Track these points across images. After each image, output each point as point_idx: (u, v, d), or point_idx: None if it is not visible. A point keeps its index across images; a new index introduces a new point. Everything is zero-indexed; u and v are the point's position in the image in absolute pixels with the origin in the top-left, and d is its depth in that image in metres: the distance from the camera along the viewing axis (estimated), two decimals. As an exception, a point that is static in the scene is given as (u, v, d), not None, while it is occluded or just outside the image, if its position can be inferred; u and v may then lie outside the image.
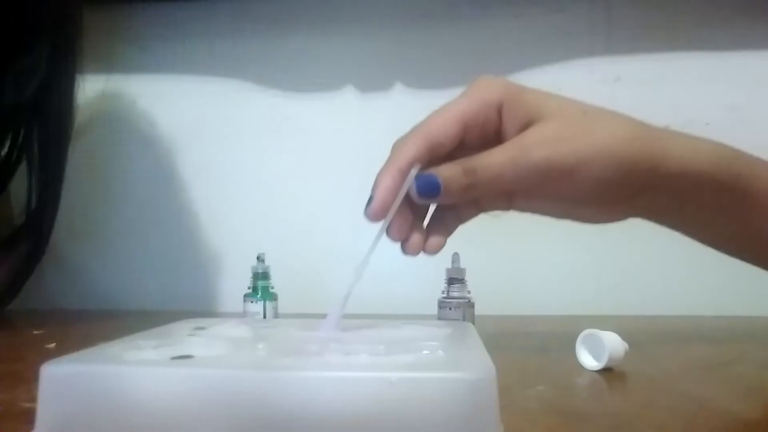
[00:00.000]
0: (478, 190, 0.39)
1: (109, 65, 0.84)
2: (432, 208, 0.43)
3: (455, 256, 0.57)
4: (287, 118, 0.82)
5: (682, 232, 0.46)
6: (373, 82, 0.81)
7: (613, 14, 0.78)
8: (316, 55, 0.82)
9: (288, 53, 0.82)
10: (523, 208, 0.43)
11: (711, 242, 0.47)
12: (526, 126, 0.38)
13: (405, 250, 0.40)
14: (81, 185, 0.83)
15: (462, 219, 0.43)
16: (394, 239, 0.40)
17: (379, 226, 0.38)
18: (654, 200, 0.42)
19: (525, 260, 0.78)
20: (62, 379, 0.26)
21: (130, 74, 0.84)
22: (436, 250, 0.41)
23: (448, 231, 0.43)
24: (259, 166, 0.82)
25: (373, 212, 0.38)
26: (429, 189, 0.38)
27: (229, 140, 0.83)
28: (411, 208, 0.40)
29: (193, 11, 0.82)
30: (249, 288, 0.60)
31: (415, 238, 0.40)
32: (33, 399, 0.26)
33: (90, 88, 0.84)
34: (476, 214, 0.43)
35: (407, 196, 0.38)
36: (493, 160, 0.38)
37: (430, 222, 0.42)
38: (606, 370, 0.41)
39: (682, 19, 0.77)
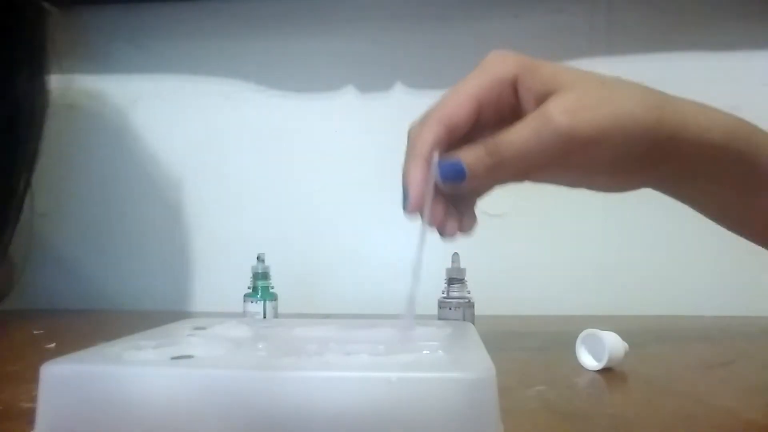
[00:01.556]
0: (503, 169, 0.38)
1: (108, 65, 0.84)
2: None
3: (455, 256, 0.57)
4: (287, 118, 0.82)
5: (690, 204, 0.46)
6: (373, 82, 0.81)
7: (613, 14, 0.78)
8: (316, 55, 0.82)
9: (288, 53, 0.82)
10: (538, 179, 0.42)
11: (718, 217, 0.47)
12: (543, 98, 0.38)
13: (443, 234, 0.40)
14: (81, 185, 0.84)
15: (480, 193, 0.43)
16: (431, 226, 0.39)
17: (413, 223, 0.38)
18: (670, 170, 0.41)
19: (525, 260, 0.78)
20: (62, 379, 0.26)
21: (130, 74, 0.84)
22: (471, 229, 0.41)
23: (472, 205, 0.42)
24: (260, 165, 0.82)
25: (412, 206, 0.38)
26: (455, 174, 0.38)
27: (228, 140, 0.83)
28: (439, 192, 0.39)
29: (193, 11, 0.82)
30: (249, 288, 0.60)
31: (451, 222, 0.40)
32: (33, 399, 0.26)
33: (90, 87, 0.84)
34: (493, 187, 0.43)
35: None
36: (516, 135, 0.37)
37: (452, 201, 0.42)
38: (606, 370, 0.41)
39: (682, 20, 0.77)
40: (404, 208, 0.38)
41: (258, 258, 0.60)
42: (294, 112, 0.82)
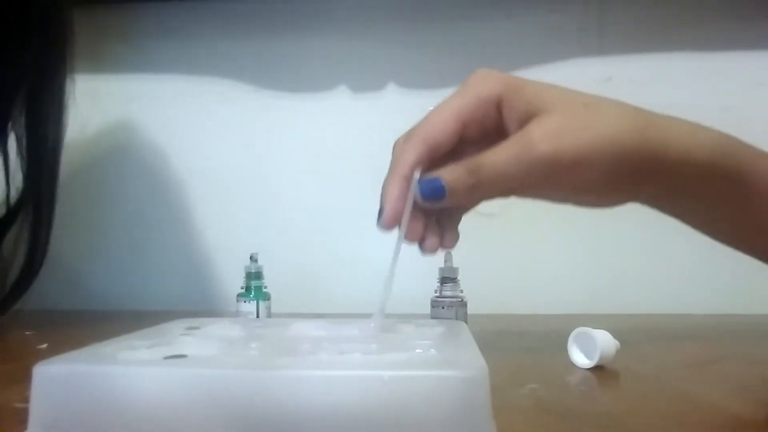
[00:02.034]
0: (483, 189, 0.38)
1: (104, 65, 0.83)
2: None
3: (448, 255, 0.57)
4: (280, 119, 0.82)
5: (681, 220, 0.46)
6: (366, 83, 0.81)
7: (605, 15, 0.78)
8: (309, 55, 0.82)
9: (281, 53, 0.82)
10: (523, 196, 0.42)
11: (708, 231, 0.48)
12: (527, 119, 0.38)
13: (423, 250, 0.40)
14: (74, 186, 0.83)
15: (466, 209, 0.43)
16: (410, 242, 0.39)
17: (393, 234, 0.38)
18: (654, 188, 0.42)
19: (517, 259, 0.78)
20: (55, 379, 0.26)
21: (125, 74, 0.83)
22: (453, 244, 0.42)
23: (456, 222, 0.43)
24: (252, 166, 0.82)
25: (386, 222, 0.38)
26: (434, 193, 0.38)
27: (222, 140, 0.82)
28: (420, 208, 0.40)
29: (187, 11, 0.82)
30: (242, 288, 0.60)
31: (431, 239, 0.40)
32: (26, 399, 0.26)
33: (85, 87, 0.83)
34: (478, 203, 0.43)
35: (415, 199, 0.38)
36: (497, 158, 0.37)
37: (437, 216, 0.42)
38: (597, 368, 0.41)
39: (673, 20, 0.77)
40: (378, 223, 0.39)
41: (251, 258, 0.60)
42: (287, 112, 0.82)
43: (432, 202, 0.38)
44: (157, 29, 0.83)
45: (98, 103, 0.83)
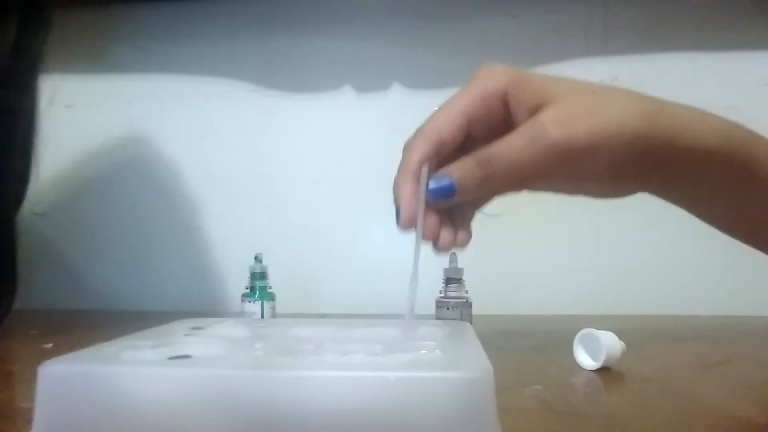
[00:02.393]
0: (496, 181, 0.38)
1: (104, 64, 0.84)
2: None
3: (453, 256, 0.57)
4: (284, 119, 0.82)
5: (688, 210, 0.46)
6: (370, 83, 0.81)
7: (610, 15, 0.78)
8: (313, 55, 0.82)
9: (285, 53, 0.82)
10: (535, 188, 0.42)
11: (716, 222, 0.47)
12: (535, 110, 0.38)
13: (437, 248, 0.40)
14: (77, 185, 0.83)
15: (478, 206, 0.43)
16: (426, 240, 0.39)
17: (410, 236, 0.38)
18: (665, 176, 0.42)
19: (522, 260, 0.78)
20: (60, 379, 0.26)
21: (126, 74, 0.84)
22: (466, 243, 0.41)
23: (469, 220, 0.42)
24: (257, 166, 0.82)
25: (405, 221, 0.38)
26: (443, 191, 0.38)
27: (226, 141, 0.83)
28: (433, 206, 0.39)
29: (189, 11, 0.82)
30: (247, 288, 0.60)
31: (445, 235, 0.40)
32: (31, 399, 0.26)
33: (88, 87, 0.84)
34: (491, 199, 0.43)
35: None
36: (508, 147, 0.37)
37: (449, 214, 0.41)
38: (603, 370, 0.41)
39: (678, 20, 0.77)
40: (398, 224, 0.39)
41: (256, 258, 0.60)
42: (291, 112, 0.82)
43: (443, 201, 0.38)
44: (157, 29, 0.83)
45: (98, 103, 0.83)
